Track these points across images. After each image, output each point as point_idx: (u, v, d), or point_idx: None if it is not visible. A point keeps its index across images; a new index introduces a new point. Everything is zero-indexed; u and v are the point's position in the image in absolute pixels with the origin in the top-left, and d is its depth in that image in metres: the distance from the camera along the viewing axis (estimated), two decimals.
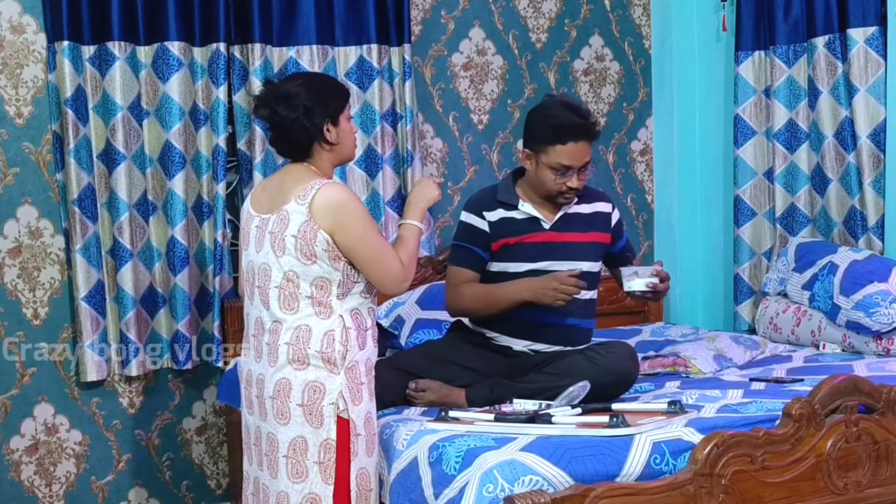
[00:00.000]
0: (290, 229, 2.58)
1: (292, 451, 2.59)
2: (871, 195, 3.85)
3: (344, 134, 2.72)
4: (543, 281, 3.02)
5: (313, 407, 2.58)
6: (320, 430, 2.58)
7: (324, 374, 2.58)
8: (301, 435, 2.59)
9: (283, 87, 2.68)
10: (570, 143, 3.03)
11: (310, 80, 2.77)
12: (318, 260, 2.58)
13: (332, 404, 2.58)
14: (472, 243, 3.17)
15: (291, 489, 2.59)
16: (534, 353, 3.13)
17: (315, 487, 2.59)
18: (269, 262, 2.63)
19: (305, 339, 2.59)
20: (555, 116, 3.06)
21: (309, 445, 2.58)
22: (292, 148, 2.70)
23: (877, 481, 2.62)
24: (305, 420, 2.58)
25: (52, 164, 3.69)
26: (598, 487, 2.29)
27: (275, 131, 2.70)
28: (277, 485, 2.62)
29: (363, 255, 2.60)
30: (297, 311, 2.60)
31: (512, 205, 3.16)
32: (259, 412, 2.67)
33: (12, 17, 3.63)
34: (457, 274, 3.17)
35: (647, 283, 3.03)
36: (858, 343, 3.63)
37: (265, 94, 2.70)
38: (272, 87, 2.72)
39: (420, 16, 4.22)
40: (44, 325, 3.73)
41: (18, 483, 3.73)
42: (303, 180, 2.64)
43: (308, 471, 2.58)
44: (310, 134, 2.66)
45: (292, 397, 2.58)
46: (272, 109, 2.66)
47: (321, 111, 2.65)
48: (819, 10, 3.96)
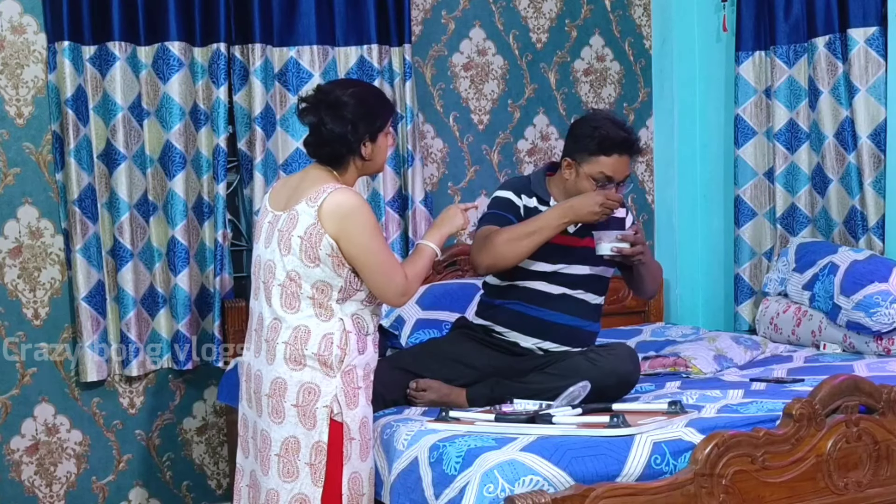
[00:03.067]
0: (298, 230, 2.59)
1: (284, 450, 2.59)
2: (871, 195, 3.85)
3: (379, 151, 2.72)
4: (585, 199, 3.00)
5: (307, 408, 2.58)
6: (312, 431, 2.58)
7: (319, 376, 2.58)
8: (294, 435, 2.58)
9: (334, 95, 2.65)
10: (614, 155, 3.06)
11: (361, 92, 2.71)
12: (321, 264, 2.58)
13: (325, 407, 2.58)
14: (506, 212, 3.14)
15: (282, 488, 2.60)
16: (542, 351, 3.14)
17: (304, 488, 2.58)
18: (275, 260, 2.63)
19: (304, 339, 2.59)
20: (602, 128, 3.07)
21: (301, 446, 2.58)
22: (326, 155, 2.68)
23: (877, 481, 2.62)
24: (299, 420, 2.58)
25: (52, 165, 3.69)
26: (599, 487, 2.29)
27: (315, 139, 2.68)
28: (268, 482, 2.63)
29: (366, 263, 2.60)
30: (297, 311, 2.60)
31: (544, 199, 3.16)
32: (256, 408, 2.68)
33: (12, 17, 3.63)
34: (487, 229, 3.08)
35: (613, 246, 3.01)
36: (859, 343, 3.63)
37: (315, 100, 2.67)
38: (322, 92, 2.69)
39: (420, 16, 4.22)
40: (44, 325, 3.73)
41: (19, 483, 3.73)
42: (318, 182, 2.64)
43: (299, 471, 2.58)
44: (350, 149, 2.65)
45: (287, 397, 2.59)
46: (320, 118, 2.64)
47: (365, 127, 2.65)
48: (819, 10, 3.96)
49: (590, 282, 3.17)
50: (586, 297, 3.17)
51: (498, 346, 3.17)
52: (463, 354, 3.15)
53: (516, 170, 4.40)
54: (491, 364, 3.12)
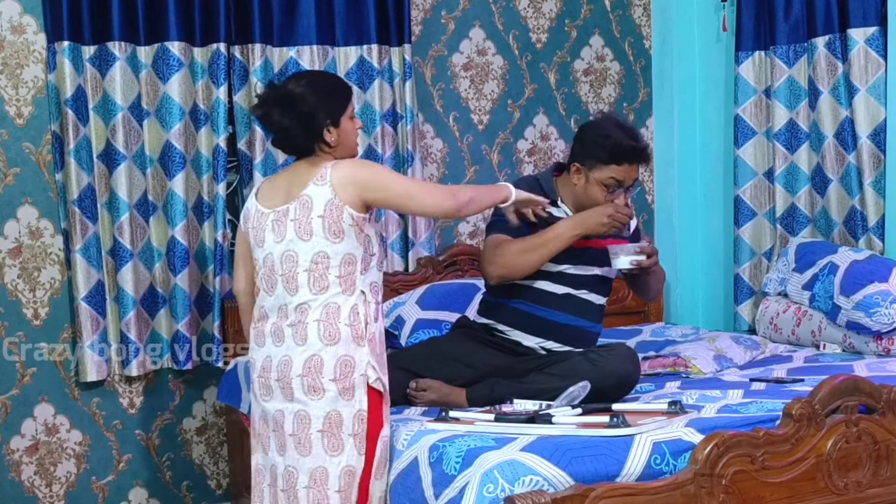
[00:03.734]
0: (316, 210, 2.61)
1: (328, 425, 2.62)
2: (871, 195, 3.85)
3: (345, 135, 2.73)
4: (594, 213, 3.03)
5: (346, 380, 2.61)
6: (352, 401, 2.62)
7: (352, 348, 2.62)
8: (335, 409, 2.61)
9: (284, 89, 2.69)
10: (625, 164, 3.07)
11: (312, 80, 2.75)
12: (345, 237, 2.62)
13: (361, 375, 2.62)
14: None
15: (329, 462, 2.62)
16: (544, 351, 3.13)
17: (351, 460, 2.62)
18: (295, 249, 2.64)
19: (335, 314, 2.62)
20: (612, 137, 3.07)
21: (343, 418, 2.62)
22: (295, 149, 2.73)
23: (877, 481, 2.62)
24: (338, 394, 2.61)
25: (52, 165, 3.69)
26: (599, 487, 2.29)
27: (274, 134, 2.72)
28: (311, 462, 2.63)
29: (401, 190, 2.67)
30: (326, 291, 2.63)
31: (553, 200, 3.17)
32: (283, 394, 2.66)
33: (12, 18, 3.63)
34: (497, 238, 3.10)
35: (632, 259, 3.04)
36: (859, 343, 3.63)
37: (265, 97, 2.71)
38: (273, 88, 2.72)
39: (420, 16, 4.22)
40: (44, 325, 3.73)
41: (19, 483, 3.73)
42: (312, 169, 2.67)
43: (344, 444, 2.62)
44: (310, 137, 2.68)
45: (324, 372, 2.61)
46: (267, 112, 2.67)
47: (323, 115, 2.67)
48: (819, 10, 3.96)
49: (594, 283, 3.17)
50: (590, 298, 3.17)
51: (499, 345, 3.16)
52: (463, 354, 3.15)
53: (516, 170, 4.40)
54: (491, 364, 3.11)
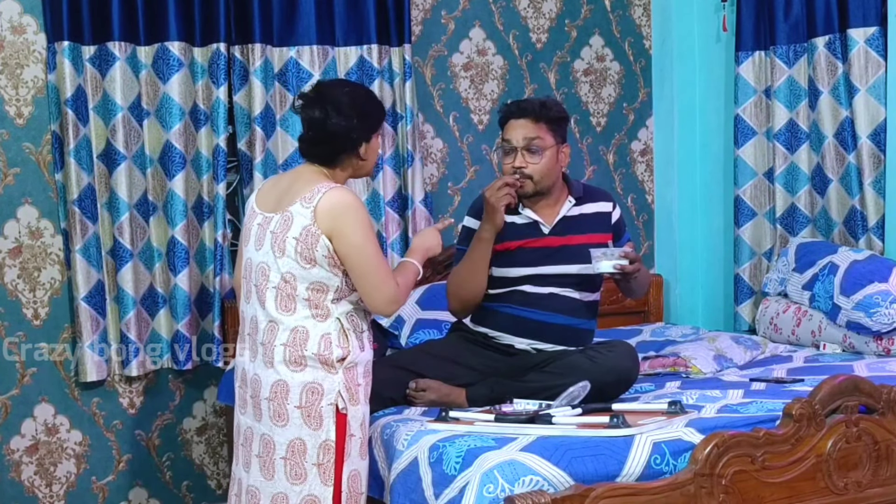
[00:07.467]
0: (293, 231, 2.56)
1: (290, 452, 2.58)
2: (871, 195, 3.85)
3: (372, 151, 2.70)
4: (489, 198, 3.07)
5: (311, 409, 2.56)
6: (319, 431, 2.56)
7: (321, 375, 2.56)
8: (299, 437, 2.57)
9: (332, 93, 2.63)
10: (510, 120, 3.15)
11: (355, 91, 2.71)
12: (317, 265, 2.56)
13: (330, 404, 2.56)
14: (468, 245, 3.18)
15: (290, 490, 2.58)
16: (536, 351, 3.13)
17: (314, 489, 2.57)
18: (268, 262, 2.60)
19: (302, 340, 2.57)
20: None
21: (308, 447, 2.57)
22: (324, 153, 2.65)
23: (877, 481, 2.62)
24: (304, 422, 2.56)
25: (52, 165, 3.68)
26: (599, 487, 2.29)
27: (316, 134, 2.63)
28: (274, 486, 2.60)
29: (359, 264, 2.57)
30: (293, 313, 2.58)
31: (513, 209, 3.16)
32: (253, 413, 2.65)
33: (12, 18, 3.63)
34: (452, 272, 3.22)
35: (615, 264, 3.03)
36: (859, 343, 3.63)
37: (317, 96, 2.63)
38: (322, 89, 2.66)
39: (420, 16, 4.22)
40: (44, 325, 3.73)
41: (19, 483, 3.73)
42: (312, 183, 2.60)
43: (307, 473, 2.57)
44: (352, 145, 2.63)
45: (290, 399, 2.57)
46: (326, 113, 2.60)
47: (367, 125, 2.64)
48: (819, 10, 3.96)
49: (578, 280, 3.16)
50: (577, 295, 3.17)
51: (494, 348, 3.17)
52: (461, 357, 3.15)
53: None
54: (489, 365, 3.12)
